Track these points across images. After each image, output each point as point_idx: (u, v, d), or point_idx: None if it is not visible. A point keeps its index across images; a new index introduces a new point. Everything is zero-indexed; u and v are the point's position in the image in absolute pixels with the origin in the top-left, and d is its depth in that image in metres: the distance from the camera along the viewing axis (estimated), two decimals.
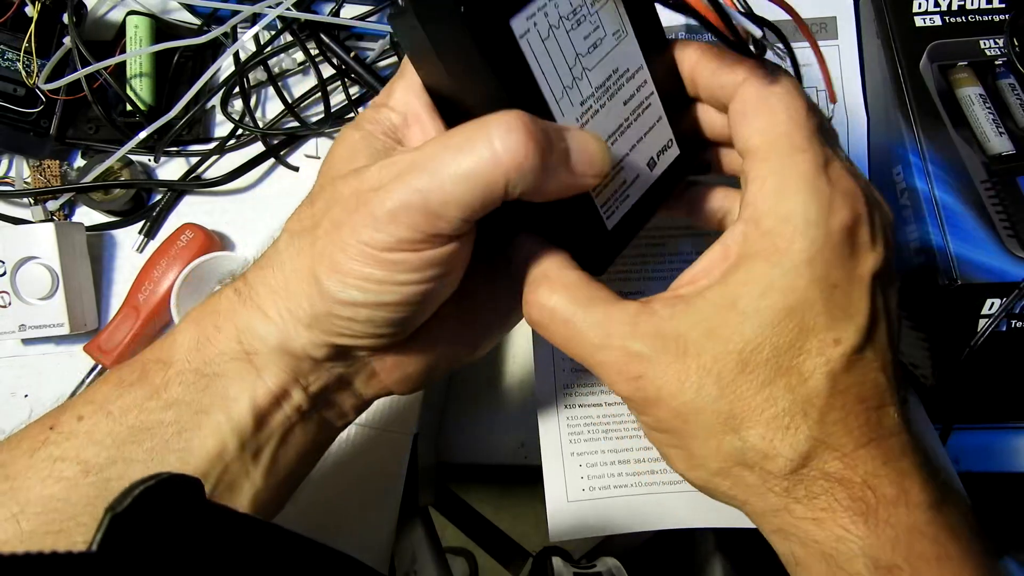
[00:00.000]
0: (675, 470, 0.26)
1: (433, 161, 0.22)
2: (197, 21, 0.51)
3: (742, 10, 0.24)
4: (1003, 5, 0.44)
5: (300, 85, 0.50)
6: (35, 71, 0.47)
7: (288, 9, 0.45)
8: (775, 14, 0.25)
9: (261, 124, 0.49)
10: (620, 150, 0.27)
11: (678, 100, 0.28)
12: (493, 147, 0.21)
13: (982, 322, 0.39)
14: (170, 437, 0.24)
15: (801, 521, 0.23)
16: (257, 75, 0.50)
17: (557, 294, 0.25)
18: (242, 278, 0.26)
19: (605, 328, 0.24)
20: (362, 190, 0.23)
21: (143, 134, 0.46)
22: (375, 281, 0.23)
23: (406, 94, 0.26)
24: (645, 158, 0.27)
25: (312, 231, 0.24)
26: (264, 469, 0.26)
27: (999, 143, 0.41)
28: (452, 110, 0.25)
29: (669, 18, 0.28)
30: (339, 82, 0.49)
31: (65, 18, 0.47)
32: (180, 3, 0.51)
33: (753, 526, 0.26)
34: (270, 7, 0.45)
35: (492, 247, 0.28)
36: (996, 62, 0.43)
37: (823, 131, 0.24)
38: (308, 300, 0.24)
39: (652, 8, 0.27)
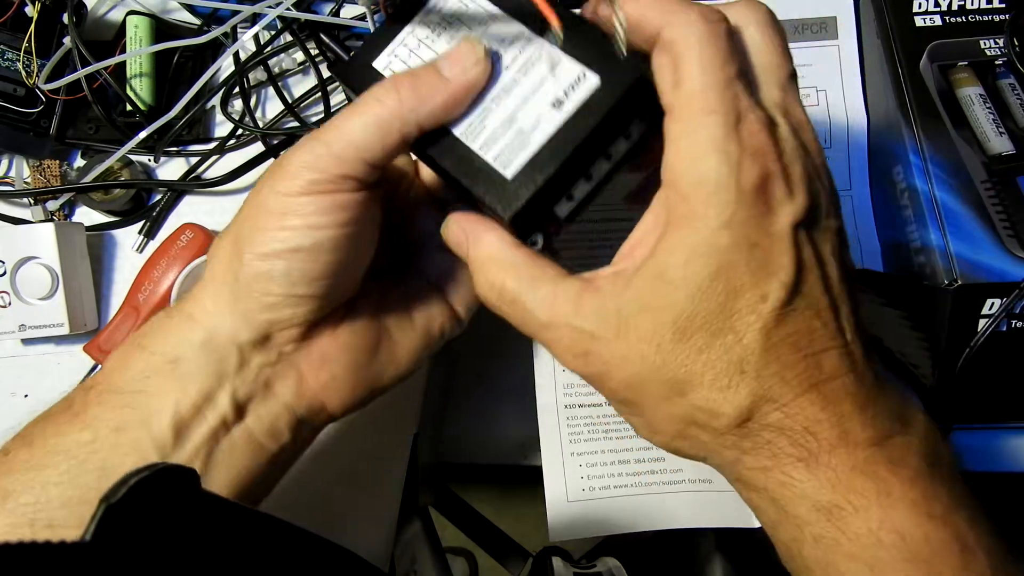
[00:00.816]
0: (639, 434, 0.27)
1: (335, 121, 0.26)
2: (197, 21, 0.51)
3: None
4: (1003, 5, 0.44)
5: (300, 85, 0.50)
6: (35, 71, 0.47)
7: (288, 9, 0.45)
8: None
9: (261, 124, 0.49)
10: (504, 109, 0.26)
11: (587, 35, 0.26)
12: (376, 96, 0.25)
13: (982, 322, 0.39)
14: (86, 457, 0.25)
15: (752, 471, 0.24)
16: (257, 75, 0.50)
17: (504, 273, 0.26)
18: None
19: (551, 307, 0.25)
20: (277, 162, 0.26)
21: (143, 134, 0.46)
22: (290, 228, 0.25)
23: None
24: (546, 100, 0.26)
25: (232, 222, 0.27)
26: None
27: (999, 143, 0.41)
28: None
29: None
30: (339, 82, 0.49)
31: (65, 18, 0.47)
32: (180, 3, 0.51)
33: (753, 526, 0.26)
34: (270, 7, 0.45)
35: (403, 260, 0.30)
36: (996, 62, 0.43)
37: (743, 78, 0.23)
38: (231, 273, 0.26)
39: None
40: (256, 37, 0.48)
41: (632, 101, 0.25)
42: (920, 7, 0.44)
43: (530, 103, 0.26)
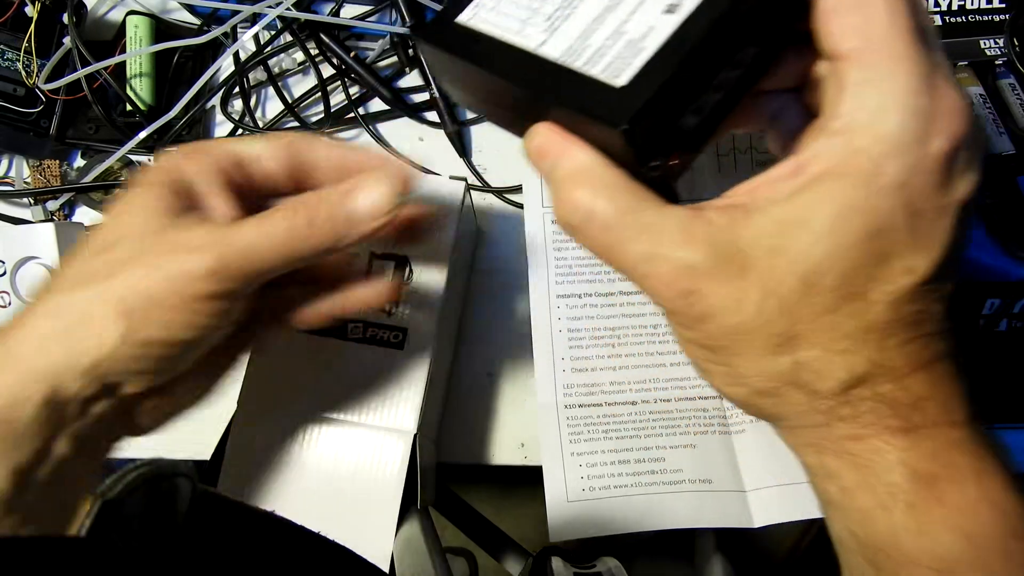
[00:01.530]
0: (711, 384, 0.25)
1: (246, 231, 0.26)
2: (197, 21, 0.51)
3: None
4: (1003, 5, 0.44)
5: (300, 85, 0.50)
6: (35, 71, 0.47)
7: (288, 9, 0.45)
8: None
9: (261, 124, 0.49)
10: (608, 25, 0.24)
11: None
12: (287, 223, 0.26)
13: (982, 322, 0.39)
14: None
15: (840, 438, 0.22)
16: (257, 75, 0.50)
17: (599, 195, 0.23)
18: None
19: (654, 236, 0.22)
20: (187, 248, 0.26)
21: (143, 134, 0.46)
22: (181, 325, 0.26)
23: (210, 171, 0.29)
24: (657, 8, 0.24)
25: (108, 280, 0.26)
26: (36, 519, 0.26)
27: (999, 143, 0.41)
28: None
29: None
30: (339, 82, 0.49)
31: (65, 18, 0.47)
32: (180, 3, 0.51)
33: (753, 526, 0.26)
34: (270, 7, 0.45)
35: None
36: (996, 62, 0.43)
37: (926, 34, 0.21)
38: (98, 341, 0.25)
39: None
40: (256, 37, 0.48)
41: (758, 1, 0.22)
42: None
43: (638, 14, 0.23)
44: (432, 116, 0.48)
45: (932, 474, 0.21)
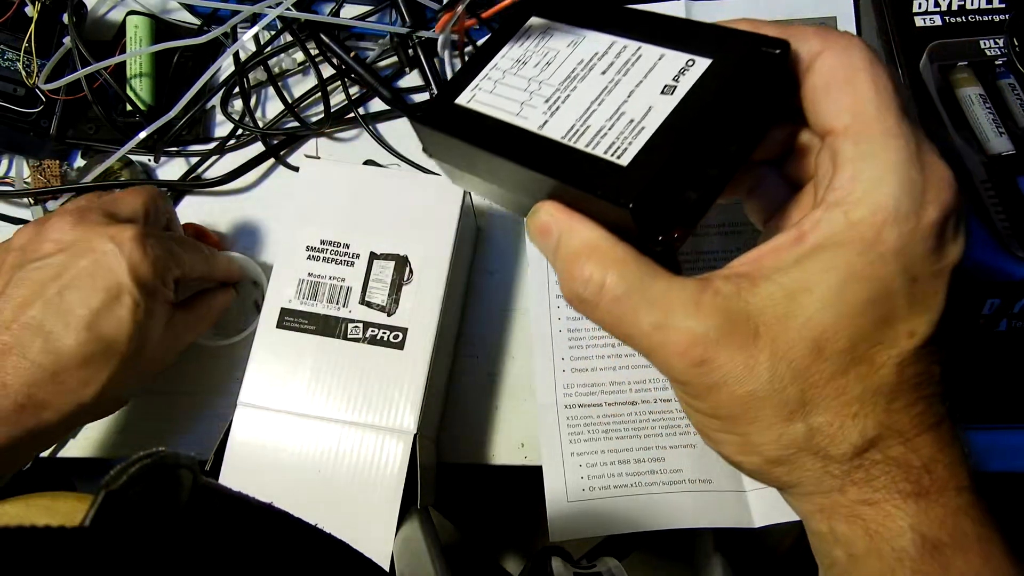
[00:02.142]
0: (723, 455, 0.25)
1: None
2: (197, 21, 0.51)
3: None
4: (1003, 5, 0.44)
5: (300, 85, 0.50)
6: (35, 71, 0.47)
7: (288, 9, 0.45)
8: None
9: (261, 124, 0.49)
10: (607, 106, 0.25)
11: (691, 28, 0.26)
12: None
13: (982, 322, 0.39)
14: None
15: (853, 503, 0.23)
16: (257, 75, 0.50)
17: (609, 269, 0.23)
18: None
19: (664, 307, 0.23)
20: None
21: (143, 134, 0.46)
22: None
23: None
24: (654, 90, 0.25)
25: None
26: None
27: (999, 143, 0.41)
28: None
29: None
30: (339, 82, 0.49)
31: (65, 18, 0.47)
32: (180, 3, 0.51)
33: (753, 526, 0.26)
34: (270, 7, 0.45)
35: None
36: (996, 62, 0.43)
37: (909, 110, 0.23)
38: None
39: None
40: (256, 37, 0.48)
41: (750, 78, 0.24)
42: (920, 7, 0.44)
43: (636, 95, 0.25)
44: None
45: (940, 541, 0.22)
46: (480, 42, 0.30)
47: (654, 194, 0.22)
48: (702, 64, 0.24)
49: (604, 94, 0.25)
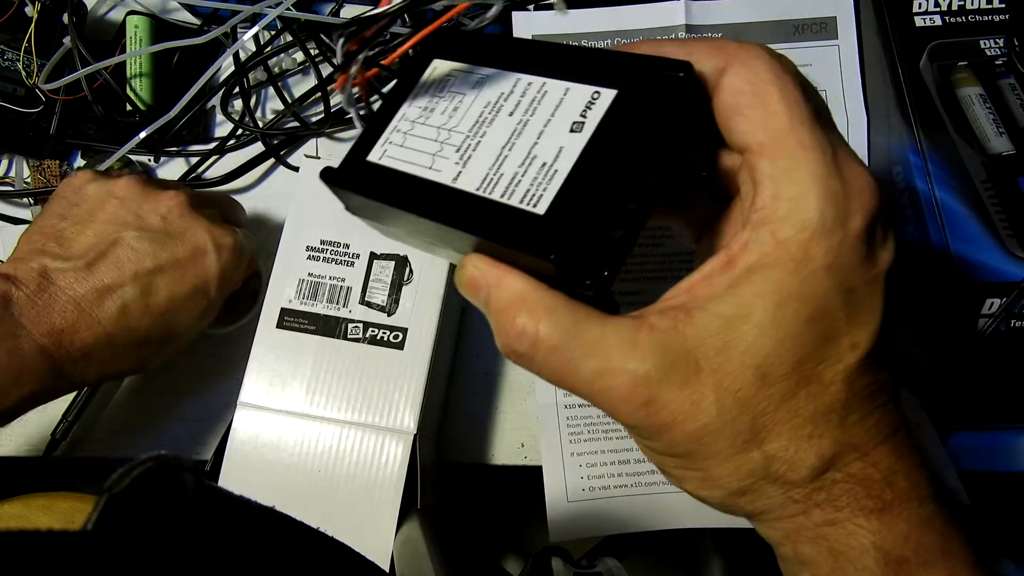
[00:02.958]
0: (685, 491, 0.24)
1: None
2: (197, 21, 0.51)
3: None
4: (1003, 5, 0.44)
5: (300, 85, 0.50)
6: (35, 71, 0.47)
7: (288, 9, 0.45)
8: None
9: (261, 124, 0.49)
10: (519, 151, 0.24)
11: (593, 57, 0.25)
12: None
13: (982, 322, 0.39)
14: None
15: (817, 524, 0.23)
16: (257, 75, 0.50)
17: (541, 319, 0.22)
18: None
19: (602, 351, 0.22)
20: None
21: (143, 134, 0.46)
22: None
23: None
24: (563, 128, 0.24)
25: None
26: None
27: (999, 143, 0.41)
28: None
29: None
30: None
31: (65, 18, 0.47)
32: (180, 3, 0.51)
33: (753, 526, 0.26)
34: (270, 7, 0.45)
35: None
36: (996, 62, 0.43)
37: (821, 115, 0.23)
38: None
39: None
40: (256, 37, 0.48)
41: (657, 105, 0.23)
42: (920, 7, 0.44)
43: (546, 136, 0.24)
44: None
45: (903, 558, 0.22)
46: (386, 90, 0.29)
47: (575, 241, 0.22)
48: (608, 96, 0.24)
49: (514, 137, 0.25)
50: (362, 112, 0.29)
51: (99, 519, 0.14)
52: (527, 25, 0.47)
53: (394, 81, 0.30)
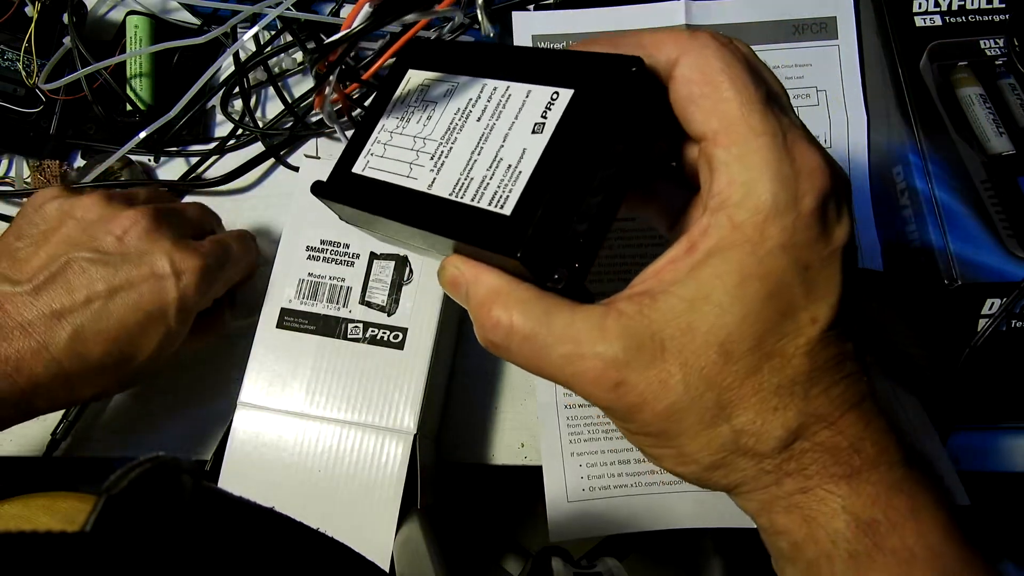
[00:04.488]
0: (664, 469, 0.25)
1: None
2: (197, 21, 0.51)
3: None
4: (1003, 5, 0.44)
5: (300, 85, 0.50)
6: (35, 71, 0.47)
7: (288, 9, 0.45)
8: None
9: (261, 124, 0.49)
10: (486, 154, 0.26)
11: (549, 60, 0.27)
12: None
13: (982, 322, 0.39)
14: None
15: (789, 493, 0.23)
16: (257, 75, 0.50)
17: (512, 309, 0.24)
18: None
19: (571, 337, 0.23)
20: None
21: (143, 134, 0.46)
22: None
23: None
24: (526, 129, 0.25)
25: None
26: None
27: (999, 143, 0.41)
28: None
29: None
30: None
31: (65, 18, 0.47)
32: (180, 3, 0.51)
33: (753, 526, 0.26)
34: (270, 7, 0.45)
35: None
36: (996, 62, 0.43)
37: (774, 99, 0.24)
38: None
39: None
40: (256, 37, 0.48)
41: (613, 101, 0.24)
42: (920, 7, 0.44)
43: (511, 139, 0.25)
44: None
45: (873, 520, 0.22)
46: (367, 103, 0.30)
47: (539, 239, 0.23)
48: (565, 96, 0.25)
49: (482, 142, 0.26)
50: (344, 126, 0.31)
51: (98, 520, 0.14)
52: (526, 25, 0.47)
53: (374, 94, 0.31)
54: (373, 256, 0.39)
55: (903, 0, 0.45)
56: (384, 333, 0.37)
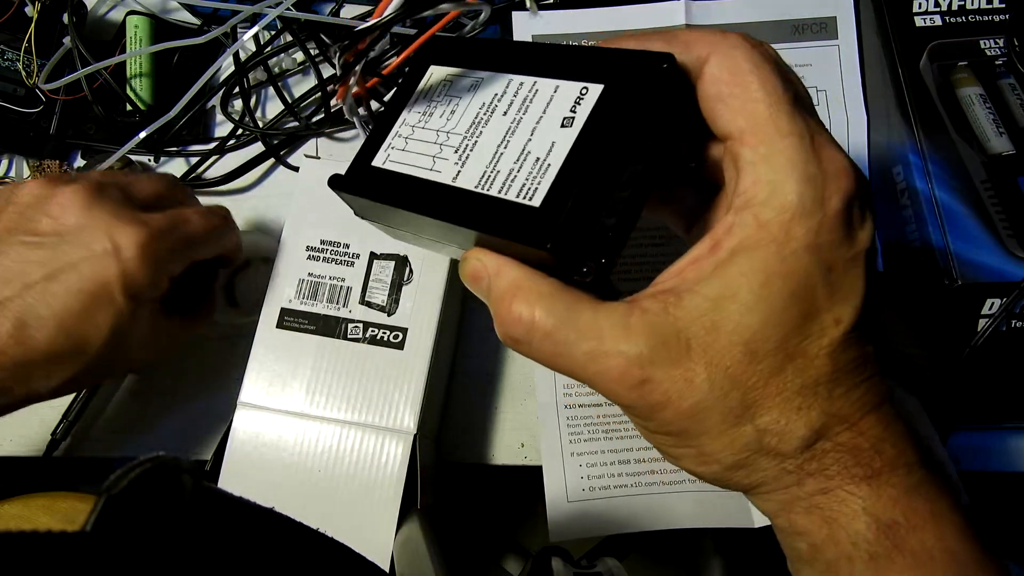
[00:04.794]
0: (683, 468, 0.25)
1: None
2: (197, 21, 0.51)
3: None
4: (1003, 5, 0.44)
5: (300, 85, 0.50)
6: (35, 71, 0.47)
7: (288, 9, 0.45)
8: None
9: (261, 124, 0.49)
10: (513, 148, 0.26)
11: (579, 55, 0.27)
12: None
13: (982, 322, 0.39)
14: None
15: (811, 495, 0.23)
16: (257, 75, 0.50)
17: (536, 305, 0.24)
18: None
19: (595, 334, 0.23)
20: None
21: (143, 134, 0.46)
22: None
23: None
24: (554, 124, 0.25)
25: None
26: None
27: (999, 143, 0.41)
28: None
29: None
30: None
31: (65, 18, 0.47)
32: (180, 3, 0.51)
33: (753, 526, 0.26)
34: (270, 7, 0.45)
35: None
36: (996, 62, 0.43)
37: (801, 102, 0.24)
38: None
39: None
40: (256, 37, 0.48)
41: (643, 97, 0.24)
42: (920, 7, 0.44)
43: (539, 132, 0.25)
44: None
45: (893, 522, 0.22)
46: (387, 97, 0.30)
47: (570, 230, 0.23)
48: (595, 91, 0.25)
49: (509, 135, 0.26)
50: (365, 120, 0.30)
51: (98, 520, 0.14)
52: (527, 26, 0.47)
53: (394, 89, 0.31)
54: (373, 256, 0.39)
55: (903, 0, 0.45)
56: (384, 333, 0.37)
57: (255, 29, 0.46)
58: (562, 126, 0.25)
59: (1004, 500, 0.43)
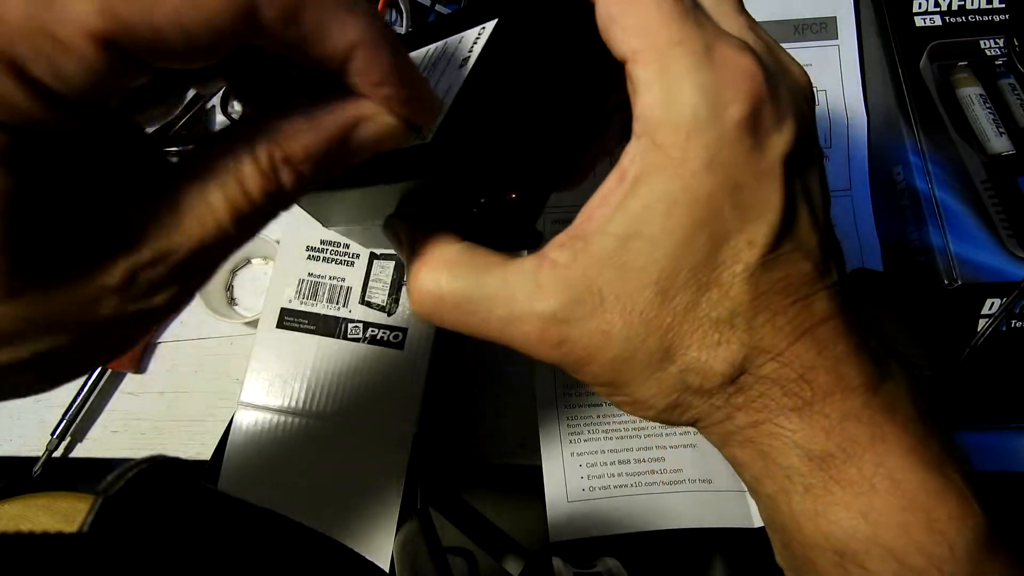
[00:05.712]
0: (627, 413, 0.24)
1: None
2: None
3: None
4: (1003, 5, 0.44)
5: None
6: None
7: None
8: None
9: None
10: (441, 84, 0.24)
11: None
12: None
13: (982, 322, 0.39)
14: None
15: (742, 429, 0.23)
16: None
17: (439, 274, 0.22)
18: None
19: (507, 298, 0.22)
20: None
21: None
22: None
23: None
24: (455, 67, 0.24)
25: None
26: None
27: (999, 143, 0.41)
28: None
29: None
30: None
31: None
32: None
33: (753, 526, 0.26)
34: None
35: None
36: (996, 62, 0.43)
37: (699, 7, 0.21)
38: None
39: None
40: None
41: (537, 25, 0.23)
42: (920, 7, 0.44)
43: (442, 80, 0.24)
44: None
45: (827, 453, 0.21)
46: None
47: (454, 158, 0.21)
48: (490, 26, 0.24)
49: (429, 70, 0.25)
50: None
51: (94, 521, 0.14)
52: None
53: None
54: (373, 256, 0.39)
55: (903, 0, 0.45)
56: (384, 333, 0.37)
57: None
58: (459, 67, 0.24)
59: (1004, 500, 0.43)
